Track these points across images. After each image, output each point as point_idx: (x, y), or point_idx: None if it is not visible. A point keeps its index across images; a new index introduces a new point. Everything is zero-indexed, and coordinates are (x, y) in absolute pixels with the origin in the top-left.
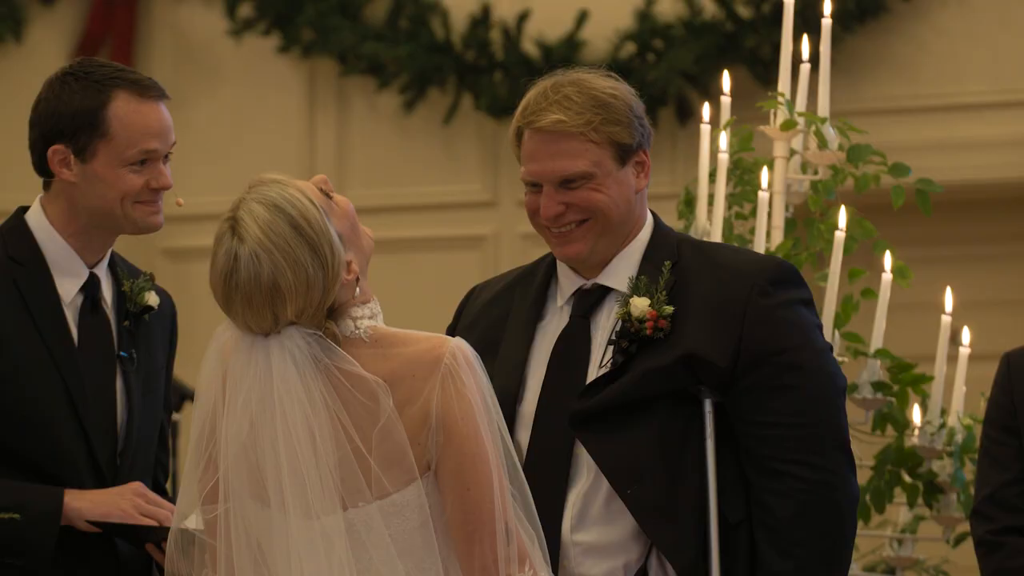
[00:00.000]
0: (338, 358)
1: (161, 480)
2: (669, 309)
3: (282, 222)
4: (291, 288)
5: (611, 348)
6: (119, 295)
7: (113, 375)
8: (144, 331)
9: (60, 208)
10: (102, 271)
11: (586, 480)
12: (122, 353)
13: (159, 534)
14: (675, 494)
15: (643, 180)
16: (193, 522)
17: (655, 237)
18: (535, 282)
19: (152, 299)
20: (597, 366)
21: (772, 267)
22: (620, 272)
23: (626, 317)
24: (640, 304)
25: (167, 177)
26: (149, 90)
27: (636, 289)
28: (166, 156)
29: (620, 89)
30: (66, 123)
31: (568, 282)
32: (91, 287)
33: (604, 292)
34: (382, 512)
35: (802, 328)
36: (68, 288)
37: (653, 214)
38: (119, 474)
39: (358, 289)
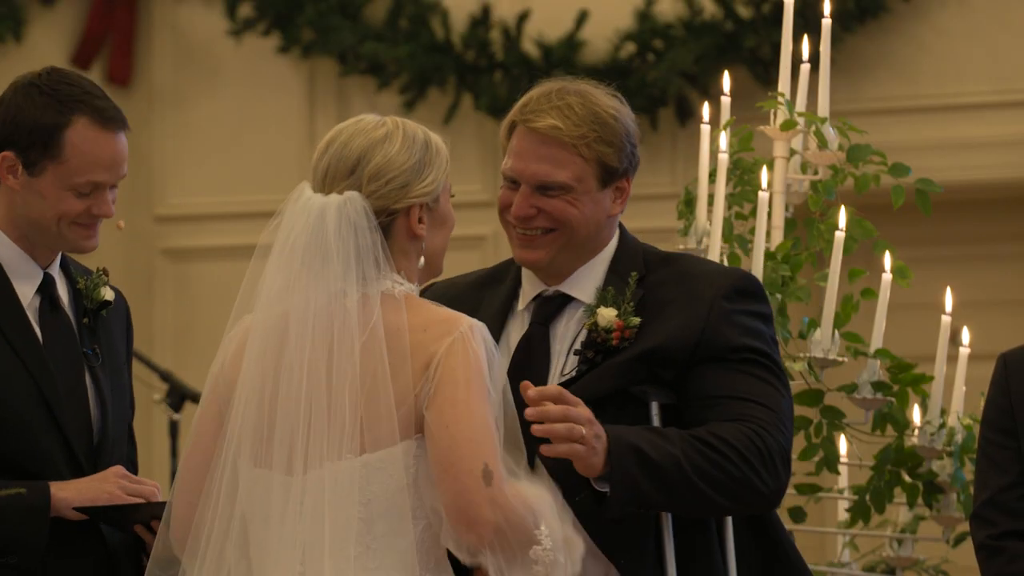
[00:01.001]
0: (384, 258)
1: (131, 472)
2: (636, 320)
3: (420, 132)
4: (387, 156)
5: (575, 357)
6: (75, 293)
7: (81, 373)
8: (104, 327)
9: (3, 214)
10: (55, 271)
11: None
12: (86, 350)
13: (147, 513)
14: None
15: (618, 206)
16: None
17: (621, 248)
18: (503, 290)
19: (108, 294)
20: (557, 375)
21: (738, 277)
22: (583, 283)
23: (592, 327)
24: (607, 315)
25: (109, 206)
26: (111, 121)
27: (603, 300)
28: (113, 186)
29: (622, 112)
30: (22, 135)
31: (530, 287)
32: (47, 287)
33: (565, 300)
34: (368, 466)
35: (764, 338)
36: (25, 290)
37: (620, 225)
38: (98, 469)
39: (422, 260)
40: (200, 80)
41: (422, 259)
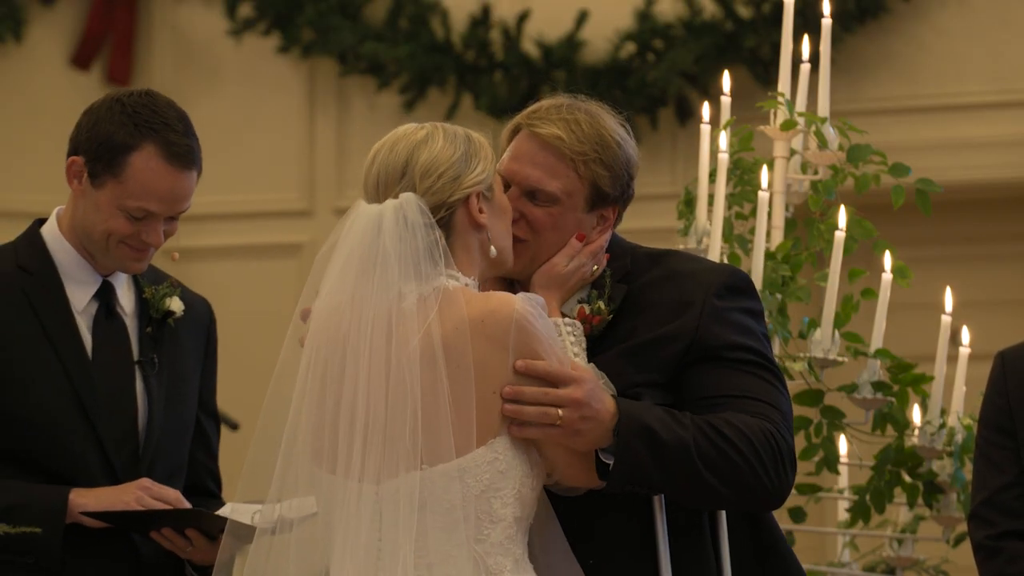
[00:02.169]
0: (442, 254)
1: (212, 487)
2: (599, 305)
3: (460, 129)
4: (432, 152)
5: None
6: (141, 302)
7: (132, 381)
8: (169, 336)
9: (68, 217)
10: (120, 279)
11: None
12: (143, 359)
13: (160, 522)
14: (616, 502)
15: (597, 234)
16: (229, 510)
17: (608, 259)
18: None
19: (175, 304)
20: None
21: (728, 274)
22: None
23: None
24: (574, 308)
25: (159, 235)
26: (176, 157)
27: (588, 300)
28: (172, 217)
29: (628, 142)
30: (94, 145)
31: None
32: (105, 294)
33: None
34: (447, 476)
35: (757, 336)
36: (80, 296)
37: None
38: (139, 476)
39: (493, 250)
40: (200, 80)
41: (493, 249)
